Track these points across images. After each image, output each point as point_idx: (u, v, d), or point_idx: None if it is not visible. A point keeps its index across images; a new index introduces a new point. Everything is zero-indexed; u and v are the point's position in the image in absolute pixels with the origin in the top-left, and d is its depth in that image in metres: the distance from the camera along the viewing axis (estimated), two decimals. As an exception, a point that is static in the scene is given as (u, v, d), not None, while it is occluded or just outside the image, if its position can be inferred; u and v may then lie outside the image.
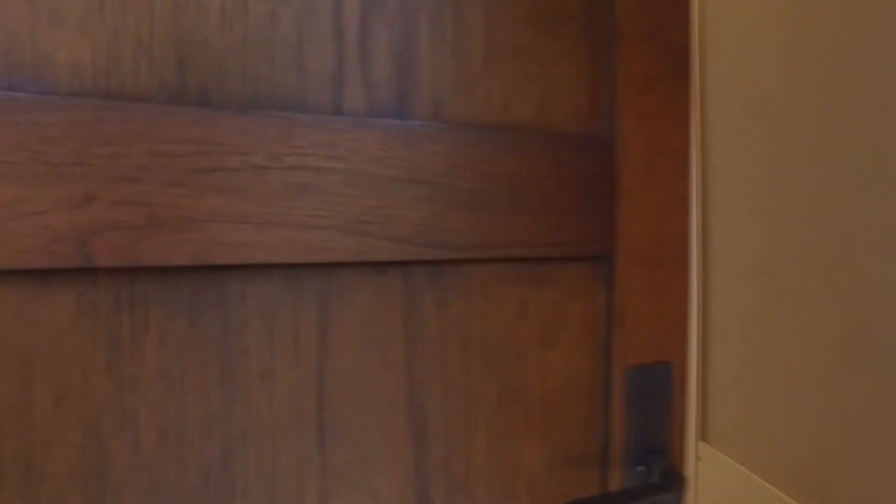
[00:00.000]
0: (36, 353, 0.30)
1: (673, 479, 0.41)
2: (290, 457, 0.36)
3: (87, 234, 0.31)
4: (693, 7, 0.43)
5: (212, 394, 0.34)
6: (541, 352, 0.42)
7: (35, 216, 0.29)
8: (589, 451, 0.44)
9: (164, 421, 0.33)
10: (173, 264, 0.32)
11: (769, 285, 1.78)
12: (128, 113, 0.31)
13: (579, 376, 0.43)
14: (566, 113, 0.42)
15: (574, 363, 0.43)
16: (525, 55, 0.41)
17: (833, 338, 1.49)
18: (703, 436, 2.21)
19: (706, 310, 2.04)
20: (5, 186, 0.29)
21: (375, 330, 0.38)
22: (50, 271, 0.31)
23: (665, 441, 0.45)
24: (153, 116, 0.32)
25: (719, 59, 2.05)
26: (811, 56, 1.54)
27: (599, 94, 0.43)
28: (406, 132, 0.38)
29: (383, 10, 0.38)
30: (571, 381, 0.43)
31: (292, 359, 0.36)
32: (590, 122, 0.43)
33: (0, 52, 0.29)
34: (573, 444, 0.43)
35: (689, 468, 2.05)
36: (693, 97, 1.96)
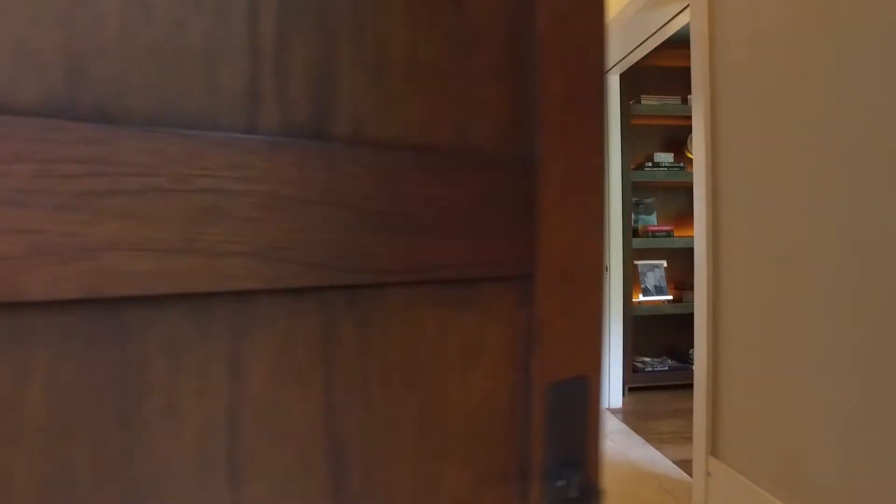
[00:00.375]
0: None
1: (590, 493, 0.43)
2: (199, 499, 0.34)
3: (-44, 266, 0.27)
4: (607, 31, 0.46)
5: (108, 438, 0.31)
6: (462, 373, 0.43)
7: None
8: (510, 468, 0.45)
9: (48, 474, 0.30)
10: (63, 298, 0.29)
11: (780, 300, 1.77)
12: (7, 129, 0.28)
13: (500, 395, 0.45)
14: (488, 133, 0.43)
15: (495, 382, 0.44)
16: (447, 75, 0.41)
17: (845, 355, 1.51)
18: (713, 451, 2.18)
19: (716, 325, 2.01)
20: None
21: (292, 359, 0.37)
22: None
23: (582, 454, 0.47)
24: (39, 133, 0.29)
25: (728, 69, 2.00)
26: (820, 61, 1.57)
27: (520, 114, 0.44)
28: (324, 153, 0.37)
29: (301, 25, 0.37)
30: (493, 400, 0.44)
31: (201, 394, 0.34)
32: (511, 143, 0.44)
33: None
34: (495, 463, 0.44)
35: (699, 483, 1.99)
36: (703, 106, 1.91)
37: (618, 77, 3.20)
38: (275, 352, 0.36)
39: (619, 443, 2.61)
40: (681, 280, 3.60)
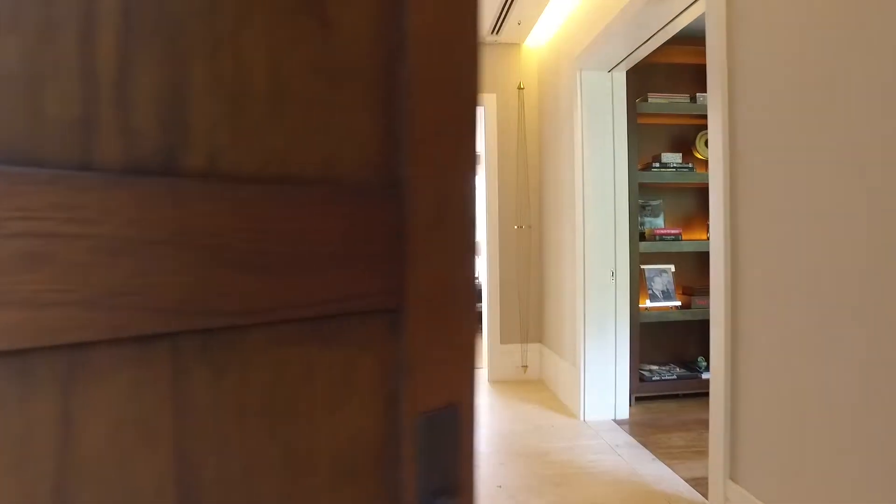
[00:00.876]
0: None
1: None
2: (19, 576, 0.31)
3: None
4: (482, 64, 0.44)
5: None
6: (330, 410, 0.41)
7: None
8: (383, 502, 0.44)
9: None
10: None
11: (807, 310, 1.54)
12: None
13: (371, 429, 0.44)
14: (356, 164, 0.41)
15: (365, 417, 0.43)
16: (314, 104, 0.39)
17: (882, 369, 1.31)
18: (733, 475, 2.01)
19: (735, 337, 1.87)
20: None
21: (136, 411, 0.34)
22: None
23: (456, 482, 0.47)
24: None
25: (748, 63, 1.87)
26: (850, 53, 1.47)
27: (390, 144, 0.43)
28: (173, 190, 0.34)
29: (148, 47, 0.34)
30: (363, 434, 0.43)
31: (21, 461, 0.31)
32: (380, 173, 0.43)
33: None
34: (367, 498, 0.43)
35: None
36: (720, 102, 1.82)
37: (624, 74, 3.14)
38: (116, 406, 0.33)
39: (626, 457, 2.54)
40: (689, 285, 3.53)
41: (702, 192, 3.67)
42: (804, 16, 1.46)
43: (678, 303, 3.43)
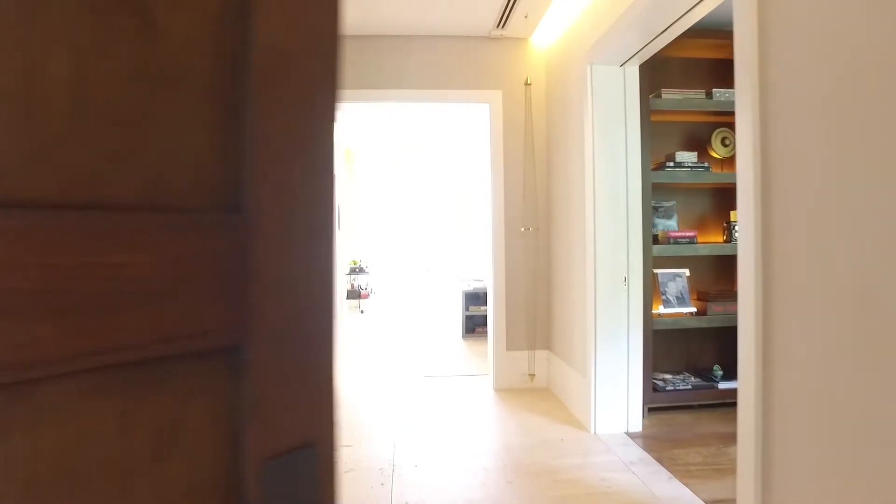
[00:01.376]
0: None
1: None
2: None
3: None
4: (343, 72, 0.39)
5: None
6: (157, 464, 0.37)
7: None
8: None
9: None
10: None
11: (857, 321, 1.41)
12: None
13: (209, 481, 0.40)
14: (188, 186, 0.37)
15: (202, 468, 0.39)
16: (134, 117, 0.34)
17: None
18: (766, 503, 1.67)
19: (768, 352, 1.63)
20: None
21: None
22: None
23: None
24: None
25: (782, 64, 1.72)
26: (884, 68, 1.31)
27: (231, 163, 0.38)
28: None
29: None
30: (200, 488, 0.39)
31: None
32: (218, 196, 0.38)
33: None
34: None
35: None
36: (751, 111, 1.69)
37: (636, 69, 3.06)
38: None
39: (641, 476, 2.44)
40: (704, 290, 3.42)
41: (717, 193, 3.57)
42: (830, 50, 1.35)
43: (693, 309, 3.33)
